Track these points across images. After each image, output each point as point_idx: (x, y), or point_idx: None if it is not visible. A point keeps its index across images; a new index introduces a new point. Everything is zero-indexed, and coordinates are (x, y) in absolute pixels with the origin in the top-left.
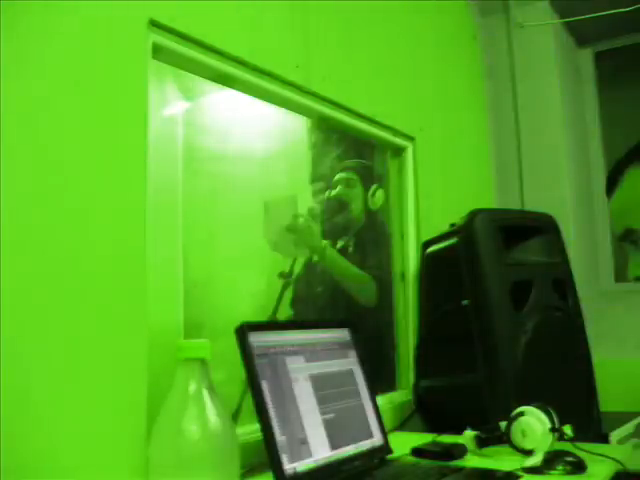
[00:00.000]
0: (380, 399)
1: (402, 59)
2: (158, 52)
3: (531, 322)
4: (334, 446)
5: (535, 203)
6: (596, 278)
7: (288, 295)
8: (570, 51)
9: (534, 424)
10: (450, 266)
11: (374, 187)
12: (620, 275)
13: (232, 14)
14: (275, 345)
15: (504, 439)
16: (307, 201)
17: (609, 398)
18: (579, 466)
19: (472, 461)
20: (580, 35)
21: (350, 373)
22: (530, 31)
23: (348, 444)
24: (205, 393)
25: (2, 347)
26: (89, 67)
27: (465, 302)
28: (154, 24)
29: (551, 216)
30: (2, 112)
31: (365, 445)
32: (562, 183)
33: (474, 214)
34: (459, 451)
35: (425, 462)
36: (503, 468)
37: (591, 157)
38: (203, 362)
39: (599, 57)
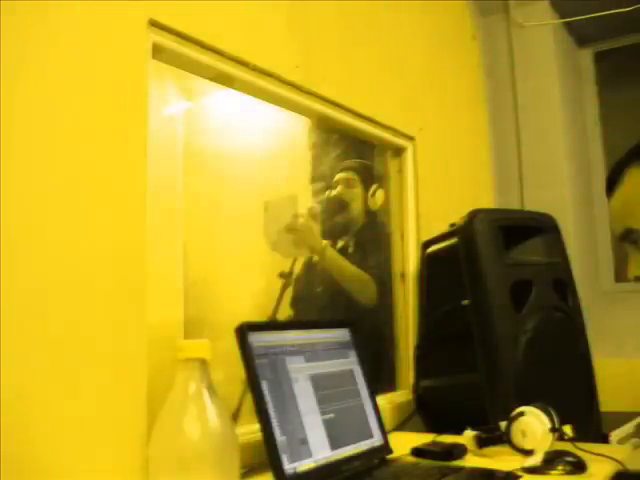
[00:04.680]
0: (380, 399)
1: (402, 59)
2: (158, 52)
3: (531, 322)
4: (334, 446)
5: (535, 203)
6: (596, 278)
7: (288, 295)
8: (570, 51)
9: (534, 424)
10: (450, 266)
11: (374, 187)
12: (620, 275)
13: (232, 14)
14: (275, 345)
15: (504, 439)
16: (307, 201)
17: (609, 398)
18: (579, 466)
19: (472, 461)
20: (580, 35)
21: (350, 373)
22: (530, 31)
23: (348, 444)
24: (205, 393)
25: (2, 347)
26: (89, 67)
27: (465, 302)
28: (154, 24)
29: (551, 216)
30: (2, 112)
31: (365, 445)
32: (562, 183)
33: (474, 214)
34: (459, 451)
35: (425, 462)
36: (503, 468)
37: (591, 157)
38: (203, 362)
39: (599, 57)
